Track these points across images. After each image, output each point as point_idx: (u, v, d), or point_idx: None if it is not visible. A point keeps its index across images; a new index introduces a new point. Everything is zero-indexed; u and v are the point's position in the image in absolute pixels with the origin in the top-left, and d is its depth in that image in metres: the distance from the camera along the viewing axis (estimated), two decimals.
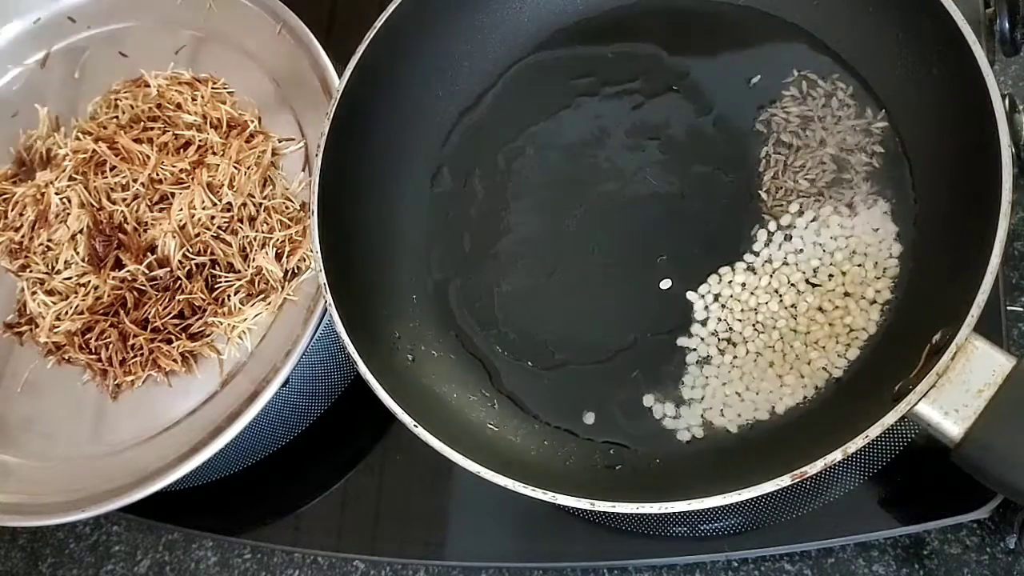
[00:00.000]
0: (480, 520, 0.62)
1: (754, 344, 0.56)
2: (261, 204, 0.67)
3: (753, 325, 0.56)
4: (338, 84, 0.61)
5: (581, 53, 0.67)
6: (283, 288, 0.64)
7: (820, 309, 0.55)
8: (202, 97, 0.71)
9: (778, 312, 0.56)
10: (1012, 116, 0.50)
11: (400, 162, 0.66)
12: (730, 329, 0.56)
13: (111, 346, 0.64)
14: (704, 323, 0.57)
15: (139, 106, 0.72)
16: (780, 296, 0.56)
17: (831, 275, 0.56)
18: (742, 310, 0.57)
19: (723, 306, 0.57)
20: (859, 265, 0.56)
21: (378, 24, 0.62)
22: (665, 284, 0.59)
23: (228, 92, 0.72)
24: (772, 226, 0.58)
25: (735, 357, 0.56)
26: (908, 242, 0.55)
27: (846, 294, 0.55)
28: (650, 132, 0.63)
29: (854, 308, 0.55)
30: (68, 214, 0.68)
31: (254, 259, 0.65)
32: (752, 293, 0.57)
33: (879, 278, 0.55)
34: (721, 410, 0.55)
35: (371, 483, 0.66)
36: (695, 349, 0.57)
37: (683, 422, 0.55)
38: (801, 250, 0.57)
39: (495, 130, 0.67)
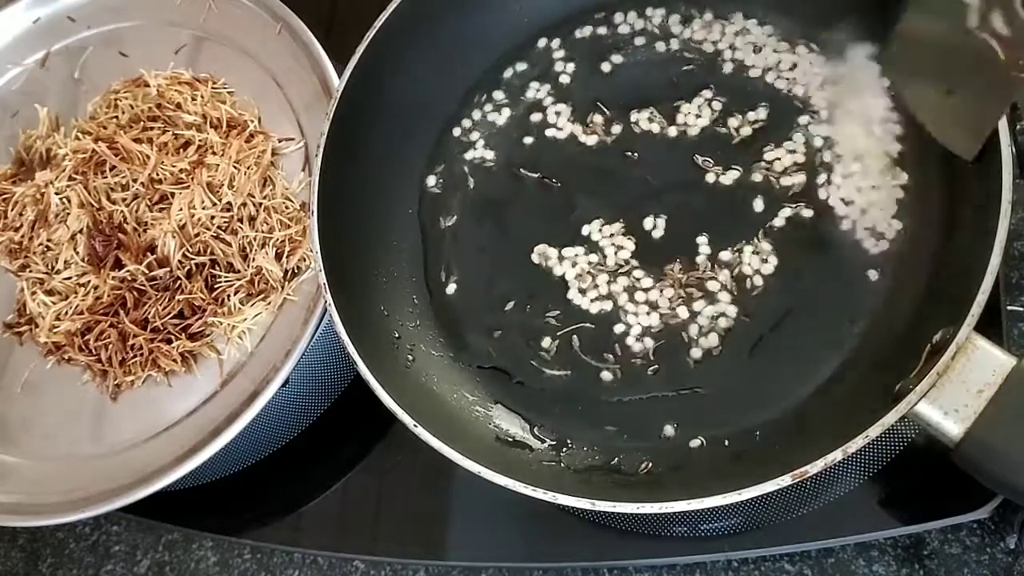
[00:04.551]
0: (480, 520, 0.62)
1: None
2: (261, 204, 0.67)
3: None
4: (338, 84, 0.61)
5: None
6: (283, 288, 0.64)
7: None
8: (202, 97, 0.71)
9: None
10: (1012, 116, 0.50)
11: (400, 162, 0.66)
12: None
13: (111, 346, 0.64)
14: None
15: (139, 106, 0.72)
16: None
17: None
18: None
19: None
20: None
21: (378, 24, 0.62)
22: (669, 288, 0.59)
23: (228, 92, 0.72)
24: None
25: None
26: (907, 240, 0.55)
27: None
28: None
29: None
30: (68, 214, 0.68)
31: (254, 259, 0.65)
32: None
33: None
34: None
35: (371, 483, 0.66)
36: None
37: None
38: None
39: (495, 129, 0.67)
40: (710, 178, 0.60)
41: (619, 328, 0.58)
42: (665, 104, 0.63)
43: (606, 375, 0.57)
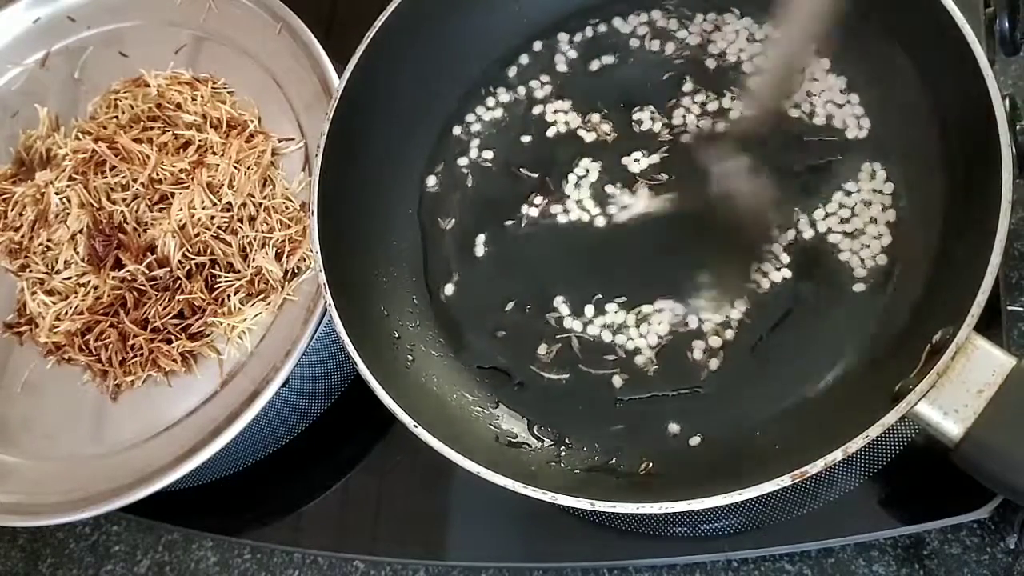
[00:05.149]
0: (480, 520, 0.62)
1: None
2: (261, 204, 0.67)
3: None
4: (338, 84, 0.61)
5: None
6: (283, 288, 0.64)
7: None
8: (202, 97, 0.71)
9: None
10: (1012, 116, 0.50)
11: (400, 162, 0.66)
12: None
13: (111, 346, 0.64)
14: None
15: (139, 106, 0.72)
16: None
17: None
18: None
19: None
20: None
21: (378, 24, 0.62)
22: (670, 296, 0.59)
23: (228, 92, 0.72)
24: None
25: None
26: (907, 240, 0.55)
27: None
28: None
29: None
30: (68, 214, 0.68)
31: (254, 259, 0.65)
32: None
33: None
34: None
35: (371, 483, 0.66)
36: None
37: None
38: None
39: (495, 129, 0.67)
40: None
41: (620, 329, 0.58)
42: (665, 103, 0.63)
43: (606, 376, 0.57)
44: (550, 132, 0.65)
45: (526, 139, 0.66)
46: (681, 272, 0.59)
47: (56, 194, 0.69)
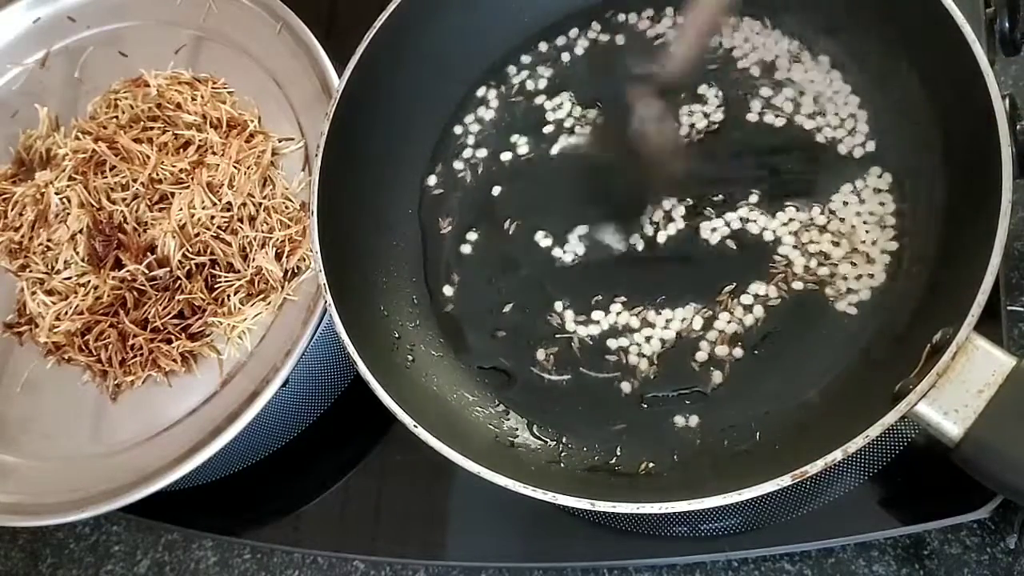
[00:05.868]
0: (480, 520, 0.62)
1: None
2: (261, 204, 0.67)
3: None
4: (338, 84, 0.61)
5: None
6: (283, 288, 0.64)
7: None
8: (202, 97, 0.71)
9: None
10: (1012, 116, 0.50)
11: (400, 162, 0.66)
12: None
13: (111, 346, 0.64)
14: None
15: (139, 106, 0.72)
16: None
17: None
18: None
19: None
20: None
21: (378, 24, 0.62)
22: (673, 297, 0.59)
23: (228, 92, 0.73)
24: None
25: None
26: (907, 240, 0.55)
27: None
28: None
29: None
30: (68, 214, 0.68)
31: (254, 259, 0.65)
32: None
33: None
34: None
35: (371, 483, 0.66)
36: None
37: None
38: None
39: (495, 129, 0.67)
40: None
41: (620, 330, 0.58)
42: (669, 104, 0.63)
43: (606, 376, 0.57)
44: (550, 131, 0.65)
45: (527, 139, 0.66)
46: (683, 274, 0.59)
47: (56, 194, 0.69)
